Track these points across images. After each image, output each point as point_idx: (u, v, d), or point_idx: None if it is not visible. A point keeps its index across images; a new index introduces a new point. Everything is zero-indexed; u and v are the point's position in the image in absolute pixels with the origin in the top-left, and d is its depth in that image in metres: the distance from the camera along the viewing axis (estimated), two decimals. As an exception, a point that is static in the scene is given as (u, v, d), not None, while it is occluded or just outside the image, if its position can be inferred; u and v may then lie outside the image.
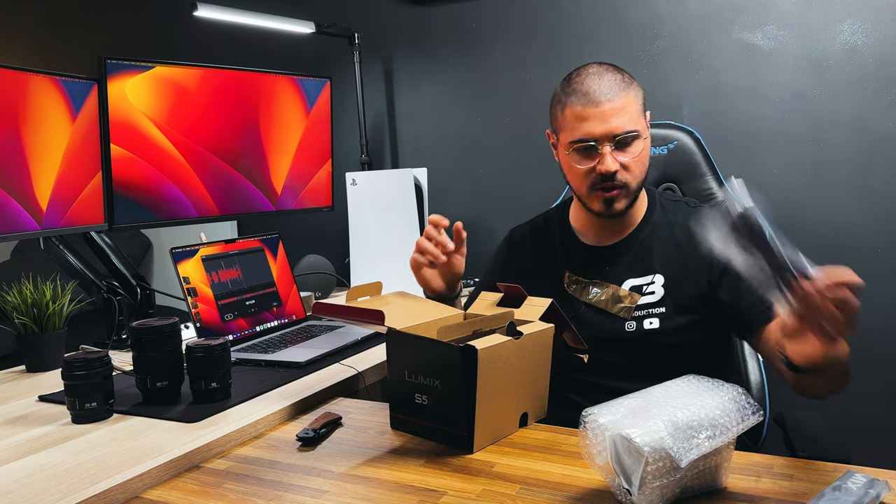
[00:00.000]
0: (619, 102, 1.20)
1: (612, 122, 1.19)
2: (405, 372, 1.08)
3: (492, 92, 2.34)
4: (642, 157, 1.23)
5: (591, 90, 1.21)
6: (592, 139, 1.20)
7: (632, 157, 1.21)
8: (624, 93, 1.21)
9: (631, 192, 1.24)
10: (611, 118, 1.19)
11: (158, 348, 1.22)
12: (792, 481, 0.89)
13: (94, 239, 1.79)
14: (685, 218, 1.29)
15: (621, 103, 1.20)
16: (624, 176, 1.22)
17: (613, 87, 1.21)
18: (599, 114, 1.20)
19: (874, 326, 1.93)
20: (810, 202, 1.97)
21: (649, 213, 1.31)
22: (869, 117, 1.90)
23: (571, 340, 1.22)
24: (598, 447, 0.83)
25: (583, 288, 1.31)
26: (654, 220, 1.30)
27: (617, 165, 1.20)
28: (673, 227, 1.29)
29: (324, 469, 0.99)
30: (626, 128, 1.20)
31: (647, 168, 1.26)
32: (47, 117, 1.58)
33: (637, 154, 1.22)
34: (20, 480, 0.94)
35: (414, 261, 1.30)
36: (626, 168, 1.22)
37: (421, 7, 2.41)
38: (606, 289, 1.28)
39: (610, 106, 1.19)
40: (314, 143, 2.16)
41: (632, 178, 1.23)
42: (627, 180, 1.22)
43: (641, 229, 1.30)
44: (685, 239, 1.27)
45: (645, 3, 2.11)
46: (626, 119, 1.20)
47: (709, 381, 0.90)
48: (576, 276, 1.32)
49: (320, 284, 2.13)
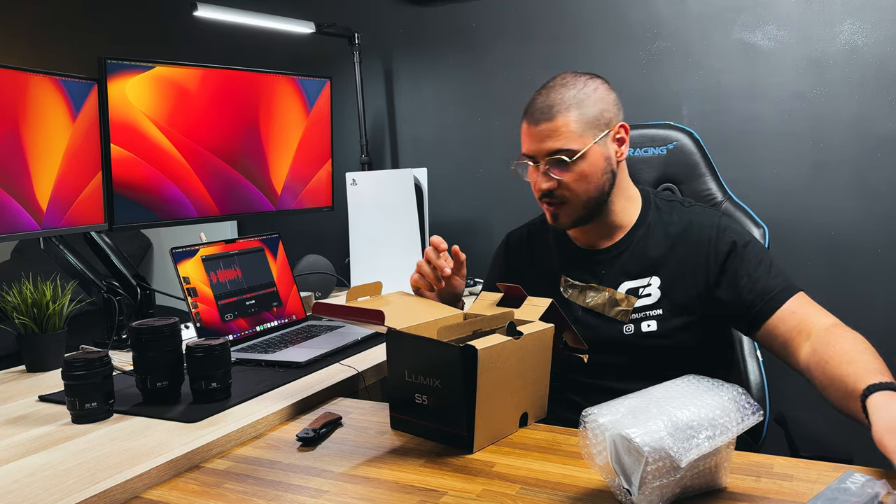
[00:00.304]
0: (557, 122, 1.20)
1: (545, 143, 1.21)
2: (405, 372, 1.08)
3: (492, 92, 2.35)
4: (581, 175, 1.22)
5: (534, 108, 1.24)
6: (529, 156, 1.25)
7: (571, 175, 1.22)
8: (564, 112, 1.21)
9: (576, 206, 1.25)
10: (545, 138, 1.21)
11: (158, 348, 1.22)
12: (792, 481, 0.89)
13: (94, 239, 1.79)
14: (680, 217, 1.29)
15: (558, 123, 1.20)
16: (562, 192, 1.23)
17: (556, 105, 1.21)
18: (536, 132, 1.22)
19: (874, 326, 1.92)
20: (810, 202, 1.97)
21: (643, 214, 1.31)
22: (869, 117, 1.90)
23: (572, 340, 1.22)
24: (598, 447, 0.83)
25: (579, 292, 1.31)
26: (648, 221, 1.30)
27: (549, 183, 1.23)
28: (668, 227, 1.29)
29: (324, 469, 0.99)
30: (558, 148, 1.20)
31: (600, 184, 1.24)
32: (47, 117, 1.58)
33: (575, 172, 1.22)
34: (20, 480, 0.94)
35: (414, 281, 1.30)
36: (564, 185, 1.23)
37: (421, 7, 2.42)
38: (603, 292, 1.28)
39: (546, 126, 1.21)
40: (314, 143, 2.16)
41: (571, 194, 1.23)
42: (567, 196, 1.23)
43: (636, 231, 1.30)
44: (681, 239, 1.27)
45: (645, 3, 2.11)
46: (560, 140, 1.20)
47: (709, 381, 0.90)
48: (572, 280, 1.32)
49: (320, 284, 2.13)
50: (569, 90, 1.22)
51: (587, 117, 1.21)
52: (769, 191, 2.00)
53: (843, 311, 1.94)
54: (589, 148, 1.21)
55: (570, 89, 1.23)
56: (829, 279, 1.97)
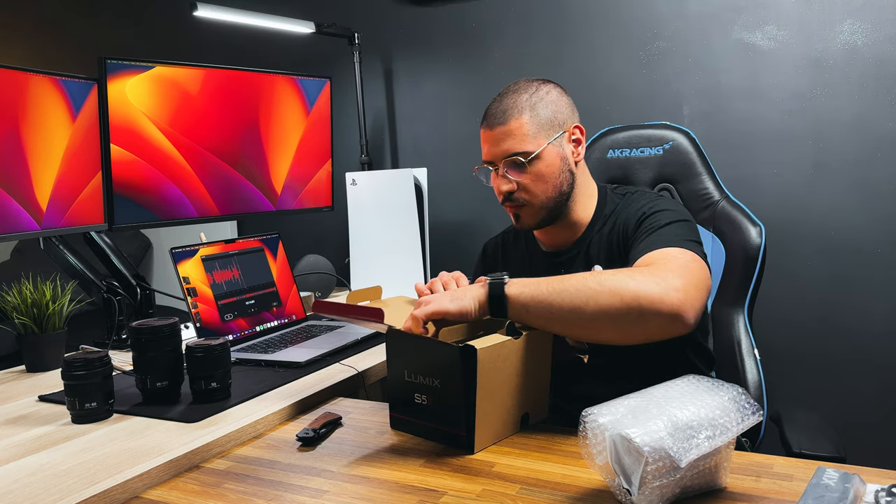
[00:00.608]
0: (511, 125, 1.23)
1: (501, 146, 1.24)
2: (405, 372, 1.08)
3: (492, 92, 2.30)
4: (539, 175, 1.24)
5: (489, 114, 1.27)
6: (489, 161, 1.27)
7: (528, 176, 1.24)
8: (518, 115, 1.23)
9: (537, 208, 1.26)
10: (500, 141, 1.24)
11: (158, 348, 1.22)
12: (792, 481, 0.89)
13: (94, 239, 1.79)
14: (623, 206, 1.29)
15: (512, 126, 1.23)
16: (522, 195, 1.25)
17: (508, 109, 1.24)
18: (492, 137, 1.25)
19: (874, 326, 1.93)
20: (810, 202, 1.97)
21: (598, 210, 1.32)
22: (869, 117, 1.90)
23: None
24: (597, 447, 0.83)
25: None
26: (603, 216, 1.31)
27: (508, 185, 1.25)
28: (615, 219, 1.29)
29: (324, 469, 0.99)
30: (514, 149, 1.23)
31: (558, 183, 1.25)
32: (47, 117, 1.58)
33: (532, 173, 1.24)
34: (20, 480, 0.94)
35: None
36: (523, 187, 1.25)
37: (421, 7, 2.41)
38: None
39: (500, 130, 1.24)
40: (314, 143, 2.16)
41: (531, 196, 1.25)
42: (526, 199, 1.25)
43: (590, 230, 1.31)
44: (615, 226, 1.27)
45: (645, 3, 2.11)
46: (516, 142, 1.23)
47: (708, 381, 0.90)
48: None
49: (320, 284, 2.13)
50: (521, 94, 1.26)
51: (540, 119, 1.24)
52: (769, 191, 2.00)
53: (843, 310, 1.96)
54: (543, 149, 1.24)
55: (522, 94, 1.26)
56: (828, 279, 1.97)
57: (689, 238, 1.15)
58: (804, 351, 2.00)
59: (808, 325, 1.99)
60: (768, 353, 1.59)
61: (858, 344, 1.95)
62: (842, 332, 1.96)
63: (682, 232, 1.17)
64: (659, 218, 1.20)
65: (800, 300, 2.00)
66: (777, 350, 1.97)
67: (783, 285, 1.98)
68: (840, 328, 1.97)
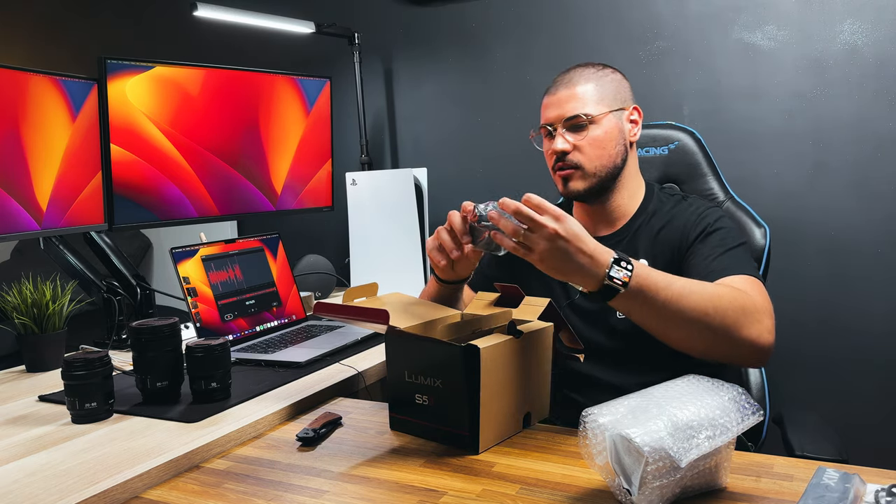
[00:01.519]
0: (576, 90, 1.29)
1: (564, 106, 1.29)
2: (405, 372, 1.07)
3: (492, 92, 2.35)
4: (596, 140, 1.28)
5: (556, 81, 1.33)
6: (549, 123, 1.31)
7: (584, 139, 1.28)
8: (584, 81, 1.30)
9: (588, 173, 1.29)
10: (564, 103, 1.29)
11: (158, 348, 1.22)
12: (792, 481, 0.89)
13: (94, 239, 1.79)
14: (673, 208, 1.32)
15: (578, 90, 1.29)
16: (576, 157, 1.28)
17: (575, 77, 1.31)
18: (556, 100, 1.31)
19: (874, 326, 1.93)
20: (810, 202, 1.97)
21: (644, 204, 1.34)
22: (869, 117, 1.90)
23: (568, 340, 1.21)
24: (598, 447, 0.83)
25: None
26: (648, 211, 1.33)
27: (566, 146, 1.28)
28: (663, 218, 1.31)
29: (324, 469, 0.99)
30: (575, 111, 1.28)
31: (612, 154, 1.29)
32: (47, 117, 1.58)
33: (588, 137, 1.27)
34: (20, 480, 0.94)
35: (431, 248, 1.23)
36: (578, 149, 1.28)
37: (421, 7, 2.41)
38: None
39: (565, 93, 1.30)
40: (314, 143, 2.16)
41: (585, 159, 1.28)
42: (580, 161, 1.28)
43: (635, 221, 1.33)
44: (666, 226, 1.29)
45: (645, 3, 2.11)
46: (579, 104, 1.28)
47: (709, 381, 0.90)
48: None
49: (320, 284, 2.13)
50: (587, 69, 1.33)
51: (604, 90, 1.30)
52: (769, 191, 2.00)
53: (843, 311, 1.96)
54: (604, 115, 1.28)
55: (588, 68, 1.33)
56: (829, 279, 1.97)
57: (757, 267, 1.22)
58: (804, 351, 2.00)
59: (808, 325, 1.99)
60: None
61: (858, 344, 1.95)
62: (841, 331, 1.96)
63: (752, 260, 1.22)
64: (727, 238, 1.23)
65: (800, 300, 2.00)
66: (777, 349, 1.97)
67: (783, 285, 1.98)
68: (840, 328, 1.96)
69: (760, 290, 1.13)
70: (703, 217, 1.26)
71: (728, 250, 1.20)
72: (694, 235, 1.24)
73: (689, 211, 1.29)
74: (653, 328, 1.07)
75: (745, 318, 1.05)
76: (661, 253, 1.28)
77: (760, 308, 1.08)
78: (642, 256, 1.28)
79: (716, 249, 1.20)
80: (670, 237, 1.28)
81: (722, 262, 1.18)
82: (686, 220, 1.28)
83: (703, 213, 1.27)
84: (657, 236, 1.29)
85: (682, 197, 1.36)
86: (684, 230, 1.26)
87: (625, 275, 1.00)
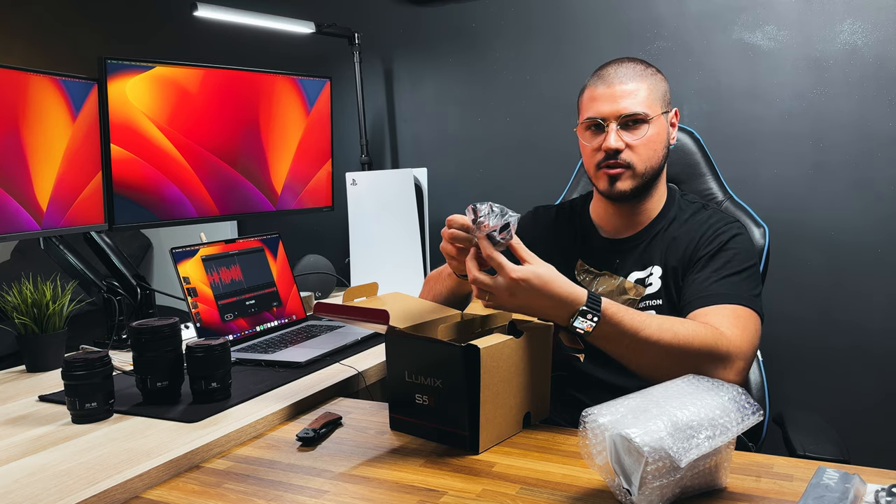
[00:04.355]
0: (631, 86, 1.25)
1: (620, 103, 1.25)
2: (405, 372, 1.07)
3: (492, 92, 2.34)
4: (650, 140, 1.26)
5: (608, 74, 1.28)
6: (601, 118, 1.26)
7: (638, 138, 1.25)
8: (639, 79, 1.26)
9: (637, 174, 1.26)
10: (619, 99, 1.25)
11: (158, 348, 1.22)
12: (792, 481, 0.89)
13: (94, 239, 1.79)
14: (691, 216, 1.32)
15: (632, 87, 1.25)
16: (628, 156, 1.25)
17: (629, 73, 1.27)
18: (610, 94, 1.26)
19: (873, 326, 1.93)
20: (810, 202, 1.97)
21: (666, 209, 1.34)
22: (869, 117, 1.90)
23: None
24: (597, 447, 0.83)
25: (592, 278, 1.34)
26: (668, 217, 1.33)
27: (621, 143, 1.25)
28: (680, 226, 1.31)
29: (324, 469, 0.99)
30: (633, 109, 1.24)
31: (660, 156, 1.28)
32: (47, 117, 1.58)
33: (644, 137, 1.25)
34: (20, 480, 0.94)
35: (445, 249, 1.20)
36: (631, 148, 1.25)
37: (421, 7, 2.41)
38: (613, 280, 1.31)
39: (620, 88, 1.25)
40: (314, 143, 2.16)
41: (637, 159, 1.26)
42: (632, 161, 1.26)
43: (655, 224, 1.33)
44: (682, 233, 1.29)
45: (645, 3, 2.11)
46: (636, 102, 1.24)
47: (709, 381, 0.90)
48: (587, 265, 1.35)
49: (320, 284, 2.13)
50: (638, 65, 1.29)
51: (658, 91, 1.28)
52: (769, 191, 2.00)
53: (843, 311, 1.96)
54: (658, 116, 1.27)
55: (639, 65, 1.29)
56: (828, 279, 1.97)
57: (757, 292, 1.20)
58: (804, 351, 2.00)
59: (808, 325, 1.99)
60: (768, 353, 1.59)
61: (858, 344, 1.95)
62: (841, 332, 1.96)
63: (754, 284, 1.20)
64: (734, 260, 1.21)
65: (799, 300, 2.00)
66: (777, 350, 1.98)
67: (784, 285, 1.98)
68: (839, 328, 1.96)
69: (745, 325, 1.12)
70: (718, 233, 1.25)
71: (730, 275, 1.19)
72: (704, 251, 1.24)
73: (707, 224, 1.28)
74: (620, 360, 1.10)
75: (713, 364, 1.07)
76: (672, 260, 1.27)
77: (733, 351, 1.08)
78: (656, 263, 1.28)
79: (719, 272, 1.20)
80: (683, 246, 1.27)
81: (720, 287, 1.17)
82: (702, 232, 1.27)
83: (719, 229, 1.26)
84: (672, 243, 1.29)
85: (702, 206, 1.35)
86: (697, 242, 1.26)
87: (588, 325, 1.03)
